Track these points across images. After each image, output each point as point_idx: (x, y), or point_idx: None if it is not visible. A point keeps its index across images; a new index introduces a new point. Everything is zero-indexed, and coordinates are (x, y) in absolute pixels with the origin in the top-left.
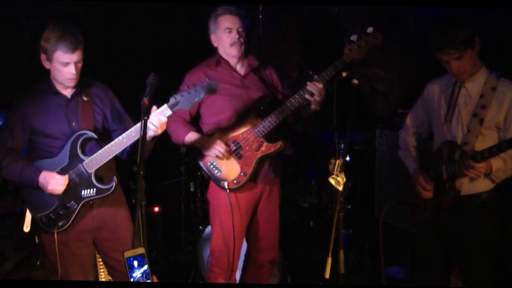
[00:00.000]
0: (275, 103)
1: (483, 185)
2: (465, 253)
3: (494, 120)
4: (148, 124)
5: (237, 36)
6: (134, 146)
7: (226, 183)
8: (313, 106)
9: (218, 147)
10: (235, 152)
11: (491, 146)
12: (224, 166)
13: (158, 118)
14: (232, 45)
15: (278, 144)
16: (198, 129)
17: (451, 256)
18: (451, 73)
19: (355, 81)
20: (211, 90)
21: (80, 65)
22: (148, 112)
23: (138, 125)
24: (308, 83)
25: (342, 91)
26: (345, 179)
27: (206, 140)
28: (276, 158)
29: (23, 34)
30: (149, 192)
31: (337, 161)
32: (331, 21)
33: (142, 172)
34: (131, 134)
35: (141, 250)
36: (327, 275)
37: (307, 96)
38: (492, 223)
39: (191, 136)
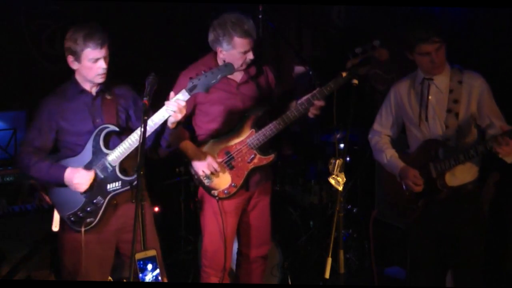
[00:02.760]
0: (273, 112)
1: (468, 176)
2: (455, 245)
3: (468, 112)
4: (166, 110)
5: (252, 57)
6: (158, 134)
7: (216, 192)
8: (311, 115)
9: (209, 166)
10: (227, 163)
11: None
12: (215, 176)
13: (177, 103)
14: (244, 63)
15: (271, 157)
16: (191, 130)
17: (443, 253)
18: (430, 66)
19: (355, 81)
20: (226, 71)
21: (107, 59)
22: (148, 112)
23: (159, 112)
24: (312, 108)
25: (342, 91)
26: (345, 179)
27: (199, 154)
28: (268, 166)
29: (23, 34)
30: (149, 192)
31: (337, 161)
32: (331, 21)
33: (142, 172)
34: (151, 123)
35: (152, 252)
36: (327, 275)
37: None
38: (480, 212)
39: (185, 146)
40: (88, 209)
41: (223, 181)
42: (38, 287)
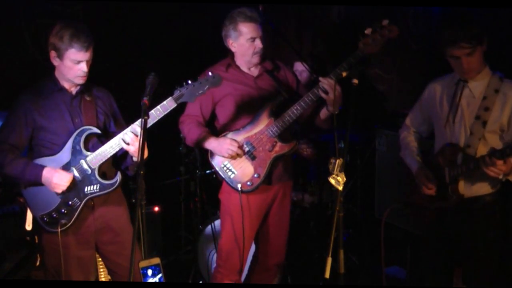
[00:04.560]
0: (290, 102)
1: (486, 188)
2: (467, 255)
3: (497, 122)
4: (119, 141)
5: (261, 46)
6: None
7: (239, 185)
8: (329, 108)
9: (230, 146)
10: (248, 153)
11: None
12: (237, 167)
13: (133, 131)
14: (254, 54)
15: (292, 144)
16: (213, 129)
17: (453, 258)
18: (460, 70)
19: (355, 81)
20: (214, 83)
21: (90, 63)
22: (148, 112)
23: (114, 139)
24: (320, 78)
25: (342, 91)
26: (345, 178)
27: (218, 141)
28: (290, 160)
29: (23, 34)
30: (149, 192)
31: (337, 160)
32: (331, 21)
33: (142, 172)
34: (109, 148)
35: (156, 260)
36: (327, 275)
37: (322, 94)
38: (494, 225)
39: (203, 138)
40: (63, 210)
41: (246, 172)
42: (38, 287)
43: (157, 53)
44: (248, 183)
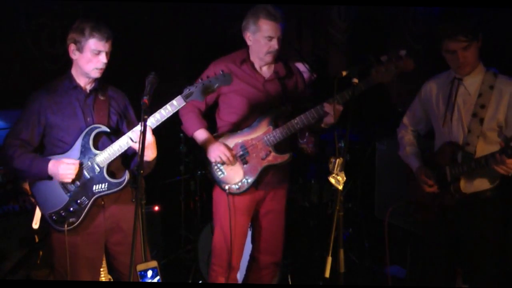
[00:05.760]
0: (293, 112)
1: (486, 183)
2: (469, 250)
3: (494, 119)
4: (127, 139)
5: (276, 47)
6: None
7: (227, 186)
8: (323, 125)
9: (221, 154)
10: (241, 157)
11: None
12: (228, 169)
13: (136, 134)
14: (268, 53)
15: (286, 156)
16: (213, 122)
17: (454, 257)
18: (456, 65)
19: (355, 80)
20: (225, 81)
21: (109, 56)
22: (148, 111)
23: (122, 138)
24: (325, 104)
25: (342, 90)
26: (345, 178)
27: (213, 142)
28: (284, 168)
29: (23, 34)
30: (149, 191)
31: (337, 160)
32: (331, 21)
33: (142, 172)
34: (116, 147)
35: (153, 264)
36: (327, 274)
37: (326, 114)
38: (496, 220)
39: (200, 134)
40: (71, 208)
41: (236, 176)
42: (38, 287)
43: (158, 53)
44: (236, 186)
